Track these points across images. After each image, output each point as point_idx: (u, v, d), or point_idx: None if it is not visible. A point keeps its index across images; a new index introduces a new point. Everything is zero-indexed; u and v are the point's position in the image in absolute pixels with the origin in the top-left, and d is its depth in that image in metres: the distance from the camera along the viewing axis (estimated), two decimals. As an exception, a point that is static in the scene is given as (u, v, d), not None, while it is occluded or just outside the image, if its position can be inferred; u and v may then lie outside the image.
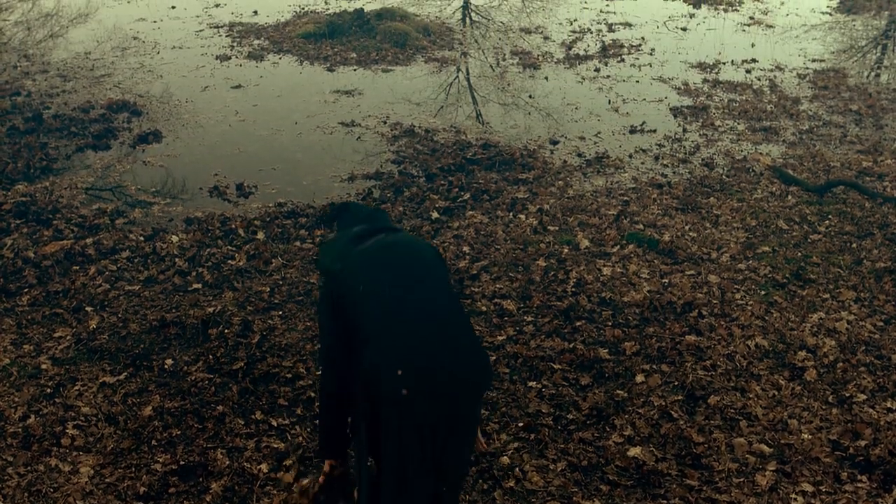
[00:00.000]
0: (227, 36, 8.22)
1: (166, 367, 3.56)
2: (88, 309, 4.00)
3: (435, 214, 5.03)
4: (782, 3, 9.61)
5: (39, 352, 3.67)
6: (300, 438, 3.17)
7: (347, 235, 2.57)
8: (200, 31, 8.38)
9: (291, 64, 7.46)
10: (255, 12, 8.85)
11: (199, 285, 4.24)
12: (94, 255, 4.50)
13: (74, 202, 5.15)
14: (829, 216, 5.13)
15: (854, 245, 4.79)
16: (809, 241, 4.83)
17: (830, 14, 9.33)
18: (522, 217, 5.01)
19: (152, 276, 4.32)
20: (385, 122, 6.40)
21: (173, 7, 9.07)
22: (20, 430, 3.17)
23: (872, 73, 7.85)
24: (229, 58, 7.67)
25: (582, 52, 7.94)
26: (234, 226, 4.85)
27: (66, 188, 5.34)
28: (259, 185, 5.42)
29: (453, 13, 9.16)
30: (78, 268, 4.38)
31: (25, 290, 4.17)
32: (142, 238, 4.70)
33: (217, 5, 9.13)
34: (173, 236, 4.73)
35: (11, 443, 3.11)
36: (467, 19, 9.01)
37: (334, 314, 2.44)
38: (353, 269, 2.44)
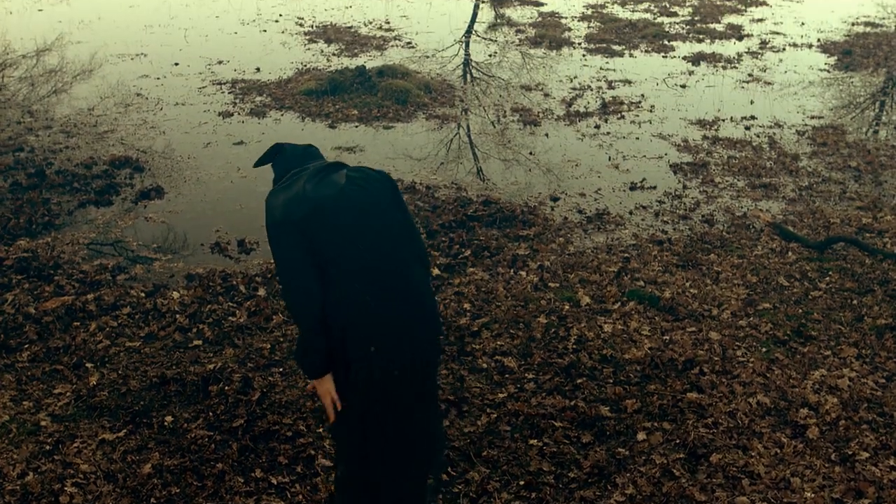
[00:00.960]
0: (229, 93, 8.41)
1: (166, 424, 3.60)
2: (89, 365, 4.05)
3: (436, 271, 5.11)
4: (780, 61, 9.83)
5: (39, 408, 3.72)
6: (300, 497, 3.20)
7: (296, 178, 2.71)
8: (203, 87, 8.58)
9: (293, 120, 7.62)
10: (258, 69, 9.06)
11: (200, 342, 4.30)
12: (95, 311, 4.57)
13: (76, 258, 5.24)
14: (830, 273, 5.20)
15: (855, 302, 4.85)
16: (810, 297, 4.90)
17: (828, 71, 9.54)
18: (523, 274, 5.09)
19: (153, 332, 4.39)
20: (386, 179, 6.52)
21: (176, 64, 9.28)
22: (18, 487, 3.20)
23: (871, 130, 8.01)
24: (231, 114, 7.84)
25: (582, 109, 8.11)
26: (235, 282, 4.92)
27: (68, 244, 5.43)
28: (260, 242, 5.51)
29: (454, 69, 9.37)
30: (79, 324, 4.44)
31: (26, 345, 4.23)
32: (143, 294, 4.78)
33: (220, 62, 9.35)
34: (174, 292, 4.81)
35: (9, 500, 3.14)
36: (468, 76, 9.22)
37: (305, 255, 2.60)
38: (322, 212, 2.62)
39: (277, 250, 2.65)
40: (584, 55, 9.82)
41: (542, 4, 12.03)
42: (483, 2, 12.26)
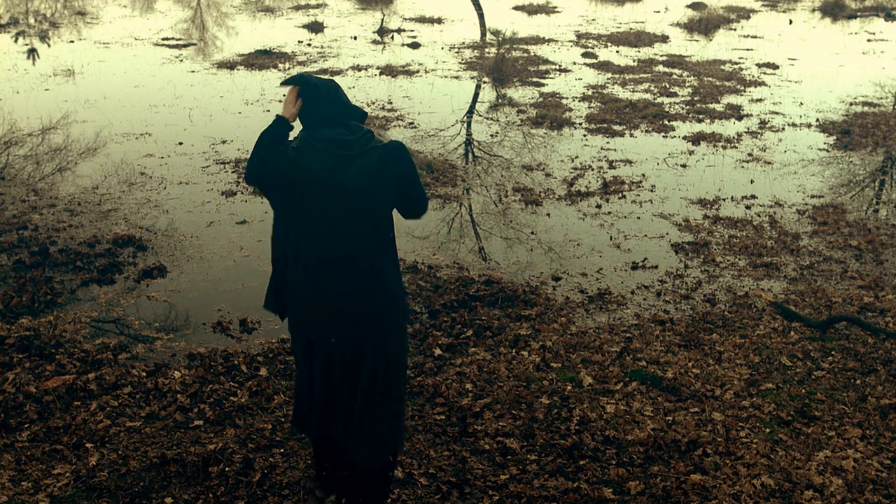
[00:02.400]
0: (233, 172, 8.63)
1: (166, 505, 3.64)
2: (88, 445, 4.11)
3: (438, 351, 5.20)
4: (780, 140, 10.08)
5: (38, 489, 3.76)
6: (301, 580, 3.22)
7: (310, 140, 3.28)
8: (207, 167, 8.80)
9: (296, 199, 7.81)
10: (261, 149, 9.30)
11: (201, 422, 4.36)
12: (96, 391, 4.64)
13: (78, 337, 5.33)
14: (833, 352, 5.28)
15: (858, 382, 4.92)
16: (813, 377, 4.97)
17: (827, 151, 9.78)
18: (525, 354, 5.17)
19: (154, 412, 4.45)
20: (388, 258, 6.65)
21: (181, 143, 9.53)
22: (17, 570, 3.23)
23: (871, 209, 8.18)
24: (234, 194, 8.04)
25: (583, 189, 8.31)
26: (236, 362, 5.01)
27: (70, 322, 5.53)
28: (262, 321, 5.61)
29: (456, 148, 9.61)
30: (79, 403, 4.51)
31: (26, 425, 4.29)
32: (144, 374, 4.86)
33: (224, 142, 9.60)
34: (176, 372, 4.89)
35: (8, 584, 3.17)
36: (470, 155, 9.46)
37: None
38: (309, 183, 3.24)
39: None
40: (585, 135, 10.08)
41: (543, 85, 12.38)
42: (484, 82, 12.62)
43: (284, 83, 3.34)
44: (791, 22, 17.94)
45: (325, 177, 3.16)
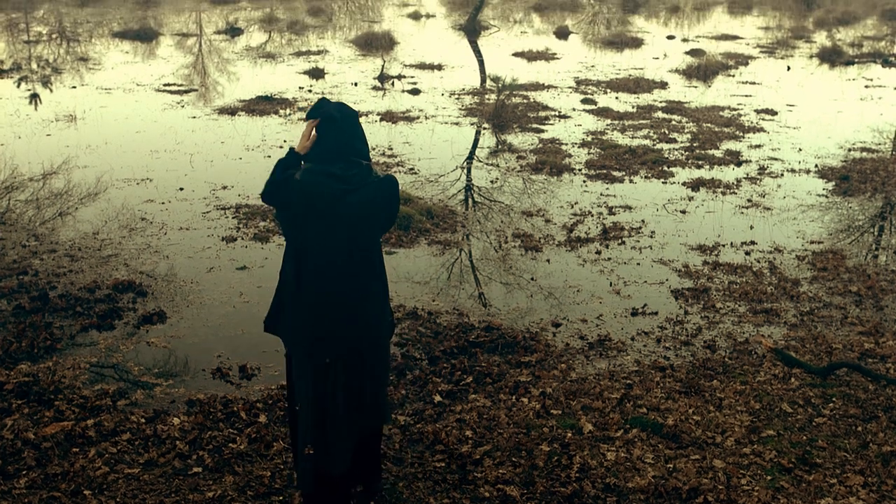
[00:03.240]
0: (233, 217, 8.72)
1: (165, 553, 3.65)
2: (87, 492, 4.13)
3: (438, 398, 5.23)
4: (779, 186, 10.20)
5: (36, 537, 3.78)
6: None
7: (318, 170, 3.69)
8: (207, 212, 8.89)
9: (296, 245, 7.88)
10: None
11: (200, 469, 4.38)
12: (95, 437, 4.67)
13: (77, 382, 5.37)
14: (834, 399, 5.32)
15: (860, 428, 4.95)
16: (814, 424, 5.00)
17: (826, 196, 9.89)
18: (525, 400, 5.20)
19: (152, 458, 4.47)
20: (388, 304, 6.71)
21: (181, 189, 9.64)
22: None
23: (870, 255, 8.26)
24: (235, 239, 8.12)
25: (583, 235, 8.39)
26: (236, 408, 5.04)
27: (70, 368, 5.57)
28: (262, 367, 5.65)
29: (456, 194, 9.72)
30: (78, 450, 4.53)
31: (24, 472, 4.31)
32: (143, 420, 4.89)
33: (224, 187, 9.71)
34: (175, 418, 4.92)
35: None
36: (470, 201, 9.56)
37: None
38: (315, 206, 3.68)
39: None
40: (584, 181, 10.21)
41: (542, 131, 12.55)
42: (484, 128, 12.79)
43: (309, 116, 3.75)
44: (789, 68, 18.21)
45: (325, 207, 3.62)
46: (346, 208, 3.63)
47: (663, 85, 16.12)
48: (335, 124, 3.70)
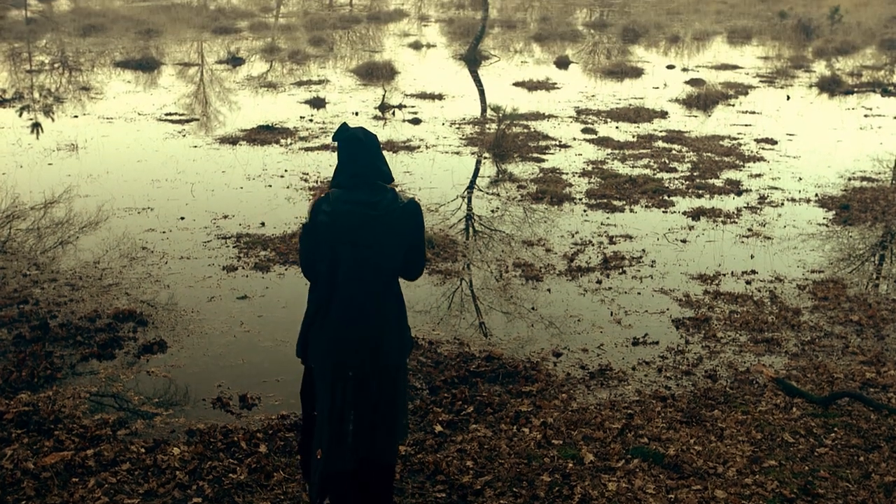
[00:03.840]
0: (234, 247, 8.77)
1: (165, 584, 3.66)
2: (87, 523, 4.14)
3: (439, 428, 5.25)
4: (779, 215, 10.25)
5: (35, 568, 3.78)
6: None
7: (340, 196, 3.88)
8: (208, 241, 8.94)
9: (297, 275, 7.92)
10: (263, 224, 9.47)
11: (200, 499, 4.39)
12: (95, 467, 4.68)
13: (77, 412, 5.39)
14: (835, 429, 5.33)
15: (862, 458, 4.96)
16: (816, 454, 5.01)
17: (827, 225, 9.94)
18: (526, 430, 5.22)
19: (152, 489, 4.49)
20: (389, 333, 6.74)
21: (182, 218, 9.70)
22: None
23: (871, 284, 8.30)
24: (236, 269, 8.16)
25: (584, 264, 8.44)
26: (236, 438, 5.05)
27: (70, 398, 5.59)
28: (262, 397, 5.67)
29: (457, 223, 9.78)
30: (77, 480, 4.55)
31: (23, 502, 4.32)
32: (143, 450, 4.90)
33: (225, 217, 9.77)
34: (175, 448, 4.93)
35: None
36: (470, 230, 9.62)
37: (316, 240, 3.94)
38: (342, 232, 3.88)
39: (303, 231, 3.96)
40: (585, 210, 10.27)
41: (543, 160, 12.63)
42: (485, 158, 12.89)
43: (335, 138, 3.92)
44: (789, 98, 18.35)
45: (355, 235, 3.81)
46: (373, 235, 3.82)
47: (663, 114, 16.25)
48: (361, 145, 3.85)
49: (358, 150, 3.85)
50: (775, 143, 14.10)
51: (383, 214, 3.83)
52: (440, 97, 17.67)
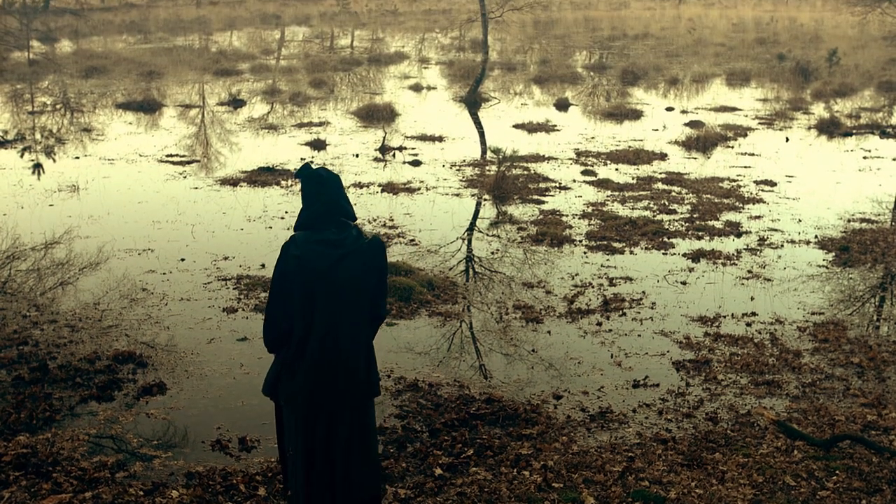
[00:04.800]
0: (234, 288, 8.83)
1: None
2: (85, 567, 4.14)
3: (438, 471, 5.26)
4: (779, 257, 10.32)
5: None
6: None
7: (306, 239, 4.10)
8: (208, 283, 9.00)
9: (297, 316, 7.97)
10: (263, 265, 9.53)
11: (199, 543, 4.40)
12: (94, 511, 4.69)
13: (75, 454, 5.41)
14: (837, 472, 5.34)
15: (864, 502, 4.98)
16: (818, 497, 5.02)
17: (827, 267, 10.00)
18: (527, 474, 5.23)
19: (151, 532, 4.49)
20: (389, 376, 6.79)
21: (182, 259, 9.77)
22: None
23: (872, 326, 8.34)
24: (236, 310, 8.21)
25: (584, 307, 8.49)
26: (235, 481, 5.07)
27: (68, 440, 5.61)
28: (262, 440, 5.69)
29: (457, 264, 9.85)
30: (76, 523, 4.56)
31: (22, 546, 4.33)
32: (141, 492, 4.92)
33: (226, 258, 9.84)
34: (174, 491, 4.94)
35: None
36: (471, 272, 9.69)
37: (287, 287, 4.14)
38: (313, 277, 4.08)
39: (275, 275, 4.13)
40: (585, 252, 10.34)
41: (543, 202, 12.73)
42: (485, 199, 13.00)
43: (297, 175, 4.10)
44: (788, 139, 18.52)
45: (324, 273, 3.97)
46: (343, 272, 4.01)
47: (663, 156, 16.40)
48: (323, 183, 4.02)
49: (320, 188, 4.02)
50: (775, 184, 14.22)
51: (350, 252, 4.02)
52: (440, 139, 17.85)
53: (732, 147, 17.55)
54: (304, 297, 4.01)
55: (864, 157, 16.84)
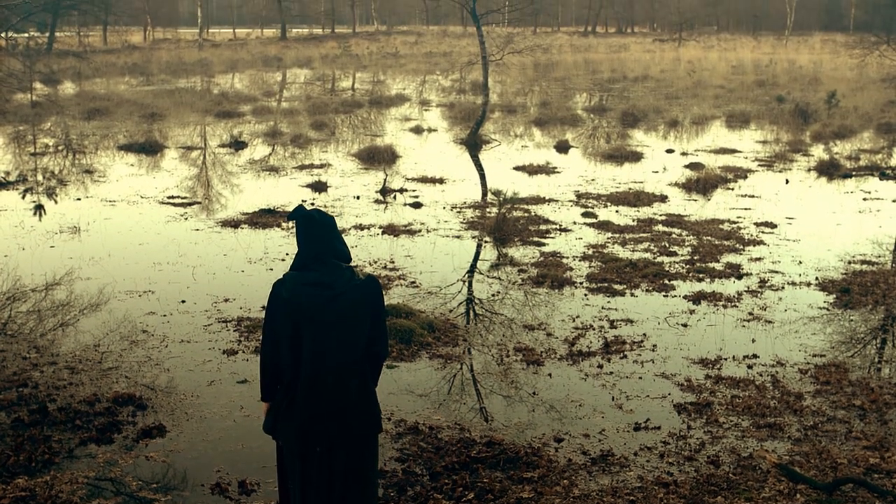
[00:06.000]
0: (234, 330, 8.87)
1: None
2: None
3: (439, 513, 5.26)
4: (780, 299, 10.37)
5: None
6: None
7: (299, 279, 4.16)
8: (209, 325, 9.05)
9: (297, 358, 8.01)
10: (263, 307, 9.56)
11: (198, 587, 4.40)
12: (92, 555, 4.70)
13: (74, 497, 5.42)
14: (839, 517, 5.34)
15: (866, 548, 4.97)
16: (820, 543, 5.02)
17: (828, 309, 10.05)
18: (527, 516, 5.23)
19: (150, 576, 4.49)
20: (390, 419, 6.81)
21: (183, 301, 9.83)
22: None
23: (873, 368, 8.36)
24: (236, 352, 8.25)
25: (585, 349, 8.52)
26: (235, 524, 5.07)
27: (67, 482, 5.62)
28: (261, 483, 5.70)
29: (458, 306, 9.90)
30: (74, 568, 4.56)
31: (20, 591, 4.33)
32: (141, 536, 4.92)
33: (226, 300, 9.90)
34: (173, 535, 4.95)
35: None
36: (471, 313, 9.73)
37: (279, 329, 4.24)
38: (305, 316, 4.14)
39: (266, 317, 4.25)
40: (585, 294, 10.40)
41: (543, 244, 12.82)
42: (486, 241, 13.08)
43: (290, 217, 4.21)
44: (787, 181, 18.66)
45: (316, 314, 4.04)
46: (333, 314, 4.07)
47: (663, 198, 16.52)
48: (316, 224, 4.10)
49: (313, 229, 4.11)
50: (775, 226, 14.32)
51: (342, 293, 4.08)
52: (441, 181, 18.00)
53: (732, 189, 17.68)
54: (294, 340, 4.10)
55: (864, 199, 16.96)
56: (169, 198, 15.83)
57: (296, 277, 4.12)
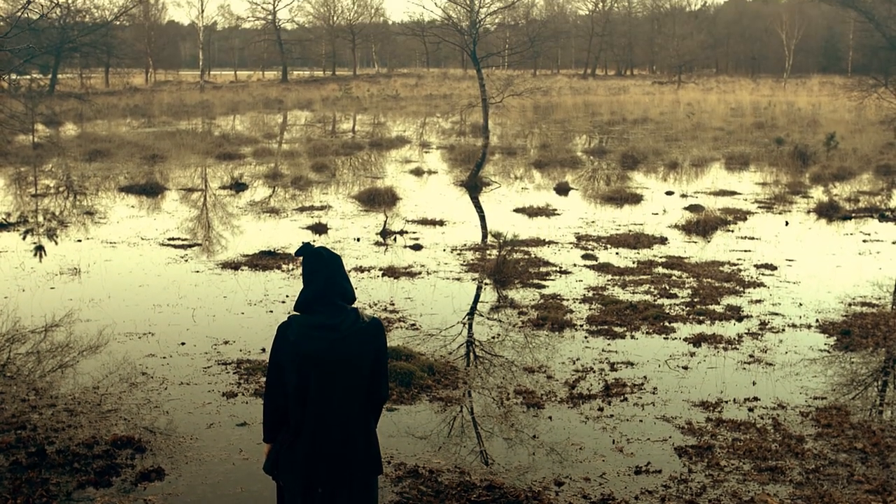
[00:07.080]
0: (234, 373, 8.90)
1: None
2: None
3: (438, 557, 5.26)
4: (781, 341, 10.40)
5: None
6: None
7: (306, 322, 4.21)
8: (208, 367, 9.08)
9: (297, 400, 8.03)
10: (263, 350, 9.62)
11: None
12: None
13: (72, 542, 5.41)
14: (842, 562, 5.34)
15: (869, 593, 4.96)
16: (822, 588, 5.01)
17: (828, 351, 10.08)
18: (527, 561, 5.23)
19: None
20: (389, 462, 6.82)
21: (183, 343, 9.86)
22: None
23: (874, 410, 8.37)
24: (235, 395, 8.27)
25: (585, 392, 8.54)
26: (234, 568, 5.07)
27: (65, 527, 5.62)
28: (261, 526, 5.70)
29: (458, 348, 9.93)
30: None
31: None
32: (139, 581, 4.91)
33: (226, 342, 9.93)
34: (172, 579, 4.94)
35: None
36: (471, 356, 9.76)
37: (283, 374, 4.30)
38: (310, 360, 4.20)
39: (270, 359, 4.30)
40: (586, 337, 10.43)
41: (543, 286, 12.88)
42: (486, 284, 13.15)
43: (298, 253, 4.25)
44: (787, 223, 18.77)
45: (321, 357, 4.10)
46: (338, 356, 4.12)
47: (663, 240, 16.61)
48: (323, 262, 4.16)
49: (320, 267, 4.17)
50: (775, 268, 14.38)
51: (347, 336, 4.14)
52: (441, 223, 18.11)
53: (732, 231, 17.79)
54: (300, 383, 4.15)
55: (864, 241, 17.05)
56: (169, 239, 15.92)
57: (301, 320, 4.18)
